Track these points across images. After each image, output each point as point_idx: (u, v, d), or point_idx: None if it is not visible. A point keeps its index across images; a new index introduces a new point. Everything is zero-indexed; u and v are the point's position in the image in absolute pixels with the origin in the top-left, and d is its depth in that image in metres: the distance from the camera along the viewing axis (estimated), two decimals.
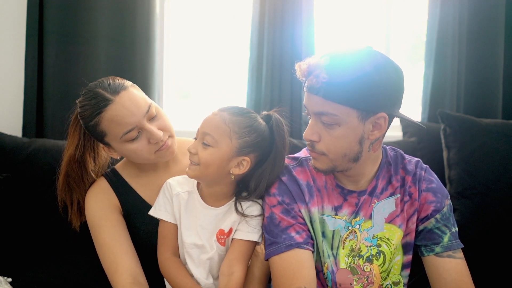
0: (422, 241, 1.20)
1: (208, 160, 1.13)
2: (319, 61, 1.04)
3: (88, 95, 1.21)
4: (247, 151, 1.15)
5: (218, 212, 1.20)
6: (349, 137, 1.08)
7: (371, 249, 1.18)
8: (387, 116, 1.07)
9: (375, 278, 1.18)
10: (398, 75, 1.07)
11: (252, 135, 1.14)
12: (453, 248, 1.17)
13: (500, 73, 2.18)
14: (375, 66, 1.03)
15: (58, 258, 1.70)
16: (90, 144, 1.29)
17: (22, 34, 1.94)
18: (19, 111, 1.98)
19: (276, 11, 2.03)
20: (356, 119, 1.06)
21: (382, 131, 1.10)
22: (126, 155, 1.26)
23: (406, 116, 1.12)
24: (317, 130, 1.10)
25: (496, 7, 2.16)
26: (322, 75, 1.02)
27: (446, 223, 1.19)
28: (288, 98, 2.09)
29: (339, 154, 1.10)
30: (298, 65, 1.08)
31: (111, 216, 1.27)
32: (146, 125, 1.21)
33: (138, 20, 1.97)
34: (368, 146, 1.12)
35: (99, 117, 1.19)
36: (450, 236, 1.18)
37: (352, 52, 1.06)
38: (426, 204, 1.19)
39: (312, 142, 1.12)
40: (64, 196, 1.31)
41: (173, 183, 1.23)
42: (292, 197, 1.17)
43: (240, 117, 1.15)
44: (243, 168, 1.16)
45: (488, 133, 1.89)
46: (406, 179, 1.20)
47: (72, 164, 1.27)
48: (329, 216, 1.18)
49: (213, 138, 1.13)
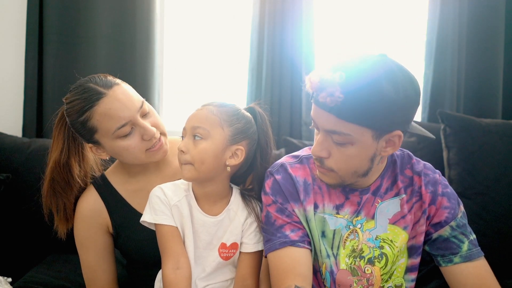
0: (439, 251, 1.15)
1: (203, 154, 1.10)
2: (333, 77, 0.96)
3: (78, 90, 1.18)
4: (240, 138, 1.13)
5: (217, 220, 1.17)
6: (361, 156, 1.04)
7: (374, 250, 1.15)
8: (402, 133, 1.04)
9: (375, 280, 1.16)
10: (416, 90, 1.01)
11: (241, 121, 1.14)
12: (473, 258, 1.12)
13: (500, 73, 2.18)
14: (394, 85, 0.96)
15: (58, 258, 1.70)
16: (75, 148, 1.25)
17: (22, 34, 1.94)
18: (19, 111, 1.98)
19: (276, 11, 2.03)
20: (370, 138, 1.01)
21: (395, 148, 1.06)
22: (117, 153, 1.21)
23: (418, 128, 1.09)
24: (326, 147, 1.05)
25: (496, 8, 2.16)
26: (337, 94, 0.95)
27: (463, 231, 1.14)
28: (288, 98, 2.09)
29: (349, 171, 1.07)
30: (308, 78, 1.01)
31: (97, 239, 1.27)
32: (139, 121, 1.18)
33: (138, 20, 1.97)
34: (378, 160, 1.09)
35: (90, 112, 1.15)
36: (469, 244, 1.13)
37: (367, 66, 0.98)
38: (441, 209, 1.14)
39: (321, 158, 1.08)
40: (49, 203, 1.26)
41: (169, 192, 1.16)
42: (284, 196, 1.15)
43: (226, 107, 1.15)
44: (238, 158, 1.14)
45: (488, 133, 1.89)
46: (415, 179, 1.16)
47: (58, 170, 1.23)
48: (330, 215, 1.16)
49: (204, 130, 1.11)
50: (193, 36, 2.21)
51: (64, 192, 1.25)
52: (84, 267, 1.29)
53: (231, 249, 1.18)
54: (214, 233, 1.17)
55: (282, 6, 2.04)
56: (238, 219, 1.19)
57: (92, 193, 1.28)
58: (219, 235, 1.18)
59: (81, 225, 1.27)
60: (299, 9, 2.04)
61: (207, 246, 1.17)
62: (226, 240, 1.17)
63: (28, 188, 1.72)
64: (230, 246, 1.18)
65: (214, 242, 1.17)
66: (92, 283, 1.29)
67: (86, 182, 1.30)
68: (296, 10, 2.04)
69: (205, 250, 1.17)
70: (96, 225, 1.27)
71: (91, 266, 1.28)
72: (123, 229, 1.27)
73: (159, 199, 1.15)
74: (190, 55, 2.22)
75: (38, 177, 1.71)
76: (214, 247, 1.17)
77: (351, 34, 2.24)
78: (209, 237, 1.17)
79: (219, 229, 1.18)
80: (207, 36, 2.21)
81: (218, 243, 1.17)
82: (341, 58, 1.03)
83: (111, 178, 1.30)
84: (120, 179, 1.30)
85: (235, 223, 1.18)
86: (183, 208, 1.16)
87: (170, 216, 1.14)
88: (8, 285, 1.38)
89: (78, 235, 1.28)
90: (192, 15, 2.20)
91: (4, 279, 1.39)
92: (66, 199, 1.26)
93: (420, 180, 1.16)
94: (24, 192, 1.72)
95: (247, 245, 1.18)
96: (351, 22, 2.24)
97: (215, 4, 2.20)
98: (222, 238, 1.18)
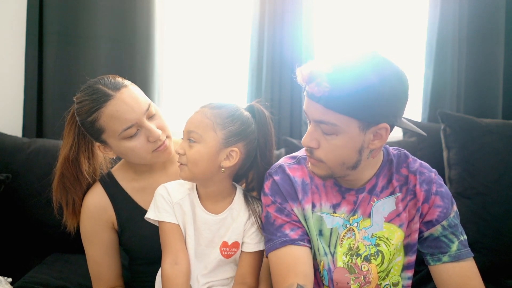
0: (428, 249, 1.16)
1: (196, 157, 1.13)
2: (321, 68, 1.01)
3: (88, 90, 1.21)
4: (234, 141, 1.14)
5: (219, 218, 1.19)
6: (348, 147, 1.06)
7: (370, 248, 1.17)
8: (389, 126, 1.06)
9: (372, 277, 1.17)
10: (403, 85, 1.04)
11: (235, 123, 1.14)
12: (462, 258, 1.13)
13: (500, 73, 2.18)
14: (380, 77, 0.99)
15: (58, 258, 1.70)
16: (84, 145, 1.29)
17: (22, 34, 1.94)
18: (19, 111, 1.98)
19: (276, 11, 2.03)
20: (356, 129, 1.04)
21: (383, 141, 1.08)
22: (123, 153, 1.25)
23: (408, 124, 1.11)
24: (316, 137, 1.08)
25: (496, 7, 2.16)
26: (324, 84, 0.99)
27: (454, 231, 1.15)
28: (288, 98, 2.09)
29: (337, 162, 1.09)
30: (299, 70, 1.05)
31: (102, 235, 1.30)
32: (145, 123, 1.21)
33: (138, 20, 1.97)
34: (368, 154, 1.10)
35: (98, 113, 1.18)
36: (459, 244, 1.14)
37: (356, 59, 1.02)
38: (433, 207, 1.16)
39: (311, 149, 1.10)
40: (59, 197, 1.30)
41: (172, 191, 1.20)
42: (283, 196, 1.17)
43: (221, 109, 1.15)
44: (233, 160, 1.15)
45: (488, 133, 1.89)
46: (410, 177, 1.18)
47: (67, 165, 1.27)
48: (327, 214, 1.17)
49: (197, 134, 1.13)
50: (193, 36, 2.21)
51: (73, 187, 1.29)
52: (90, 262, 1.33)
53: (232, 247, 1.19)
54: (216, 231, 1.19)
55: (282, 6, 2.04)
56: (240, 218, 1.20)
57: (98, 189, 1.31)
58: (221, 233, 1.19)
59: (87, 221, 1.30)
60: (299, 9, 2.04)
61: (209, 244, 1.19)
62: (228, 238, 1.19)
63: (28, 188, 1.72)
64: (231, 245, 1.19)
65: (216, 240, 1.19)
66: (97, 277, 1.32)
67: (95, 178, 1.34)
68: (296, 10, 2.04)
69: (207, 248, 1.19)
70: (101, 221, 1.30)
71: (96, 262, 1.31)
72: (128, 225, 1.30)
73: (162, 197, 1.19)
74: (190, 55, 2.22)
75: (38, 177, 1.73)
76: (216, 245, 1.19)
77: (351, 34, 2.24)
78: (211, 235, 1.19)
79: (221, 227, 1.19)
80: (207, 36, 2.21)
81: (220, 241, 1.19)
82: (333, 53, 1.08)
83: (118, 175, 1.34)
84: (126, 176, 1.33)
85: (237, 222, 1.20)
86: (185, 206, 1.18)
87: (172, 213, 1.18)
88: (8, 285, 1.38)
89: (84, 230, 1.31)
90: (192, 15, 2.20)
91: (4, 279, 1.39)
92: (75, 194, 1.30)
93: (415, 178, 1.17)
94: (24, 192, 1.72)
95: (248, 245, 1.20)
96: (351, 22, 2.24)
97: (215, 4, 2.20)
98: (224, 236, 1.19)
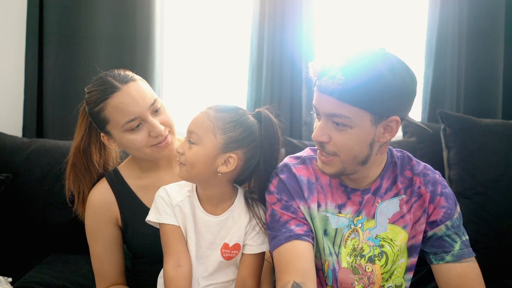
0: (431, 248, 1.18)
1: (193, 159, 1.12)
2: (333, 62, 1.03)
3: (97, 81, 1.24)
4: (233, 147, 1.13)
5: (220, 219, 1.19)
6: (360, 140, 1.07)
7: (374, 249, 1.17)
8: (399, 119, 1.07)
9: (376, 278, 1.17)
10: (412, 79, 1.07)
11: (237, 130, 1.13)
12: (464, 257, 1.15)
13: (500, 73, 2.18)
14: (390, 69, 1.02)
15: (58, 258, 1.70)
16: (95, 135, 1.32)
17: (22, 34, 1.94)
18: (19, 111, 1.98)
19: (276, 11, 2.03)
20: (369, 122, 1.05)
21: (393, 134, 1.10)
22: (124, 145, 1.26)
23: (416, 121, 1.13)
24: (327, 131, 1.09)
25: (496, 7, 2.16)
26: (338, 76, 1.01)
27: (457, 231, 1.17)
28: (288, 98, 2.09)
29: (350, 156, 1.09)
30: (311, 64, 1.07)
31: (106, 231, 1.32)
32: (149, 118, 1.22)
33: (138, 20, 1.97)
34: (377, 148, 1.11)
35: (104, 103, 1.21)
36: (461, 244, 1.16)
37: (367, 53, 1.04)
38: (438, 208, 1.17)
39: (322, 143, 1.11)
40: (71, 186, 1.34)
41: (172, 193, 1.19)
42: (290, 194, 1.17)
43: (225, 113, 1.14)
44: (230, 166, 1.13)
45: (488, 133, 1.89)
46: (415, 179, 1.19)
47: (78, 155, 1.30)
48: (332, 214, 1.18)
49: (197, 135, 1.13)
50: (193, 36, 2.21)
51: (84, 177, 1.32)
52: (93, 258, 1.34)
53: (233, 249, 1.19)
54: (217, 233, 1.19)
55: (282, 6, 2.04)
56: (241, 220, 1.20)
57: (104, 185, 1.33)
58: (222, 235, 1.19)
59: (91, 216, 1.31)
60: (299, 9, 2.04)
61: (210, 246, 1.19)
62: (229, 240, 1.19)
63: (28, 188, 1.72)
64: (232, 247, 1.19)
65: (217, 242, 1.19)
66: (100, 273, 1.33)
67: (106, 169, 1.36)
68: (296, 10, 2.04)
69: (208, 250, 1.19)
70: (106, 218, 1.31)
71: (99, 258, 1.32)
72: (131, 223, 1.31)
73: (162, 199, 1.19)
74: (190, 55, 2.22)
75: (38, 177, 1.73)
76: (217, 246, 1.19)
77: (351, 34, 2.24)
78: (211, 236, 1.18)
79: (222, 229, 1.19)
80: (207, 36, 2.21)
81: (221, 243, 1.19)
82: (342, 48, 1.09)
83: (124, 172, 1.35)
84: (132, 173, 1.34)
85: (238, 224, 1.19)
86: (186, 207, 1.18)
87: (172, 215, 1.17)
88: (9, 285, 1.38)
89: (88, 225, 1.33)
90: (192, 15, 2.20)
91: (4, 279, 1.39)
92: (85, 185, 1.33)
93: (420, 180, 1.18)
94: (24, 192, 1.72)
95: (251, 247, 1.19)
96: (351, 22, 2.24)
97: (215, 4, 2.20)
98: (225, 238, 1.19)
